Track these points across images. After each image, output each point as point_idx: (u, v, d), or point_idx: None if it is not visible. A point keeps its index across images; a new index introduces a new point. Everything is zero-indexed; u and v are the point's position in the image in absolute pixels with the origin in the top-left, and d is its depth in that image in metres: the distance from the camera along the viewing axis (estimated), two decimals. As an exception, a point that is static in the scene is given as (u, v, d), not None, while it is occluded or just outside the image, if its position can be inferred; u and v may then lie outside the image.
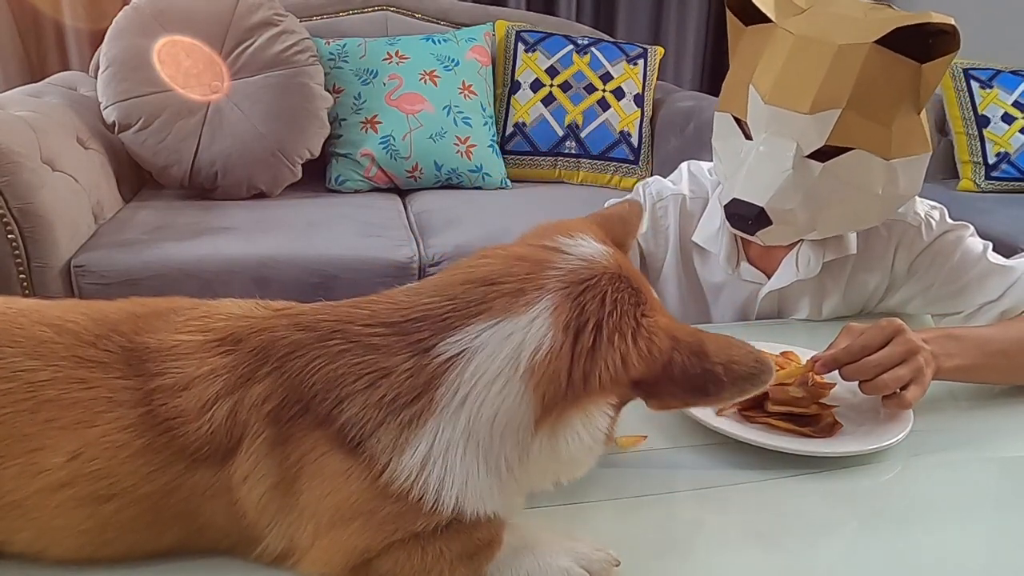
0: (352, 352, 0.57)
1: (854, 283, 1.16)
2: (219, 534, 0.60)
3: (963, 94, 2.77)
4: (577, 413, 0.58)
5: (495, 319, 0.57)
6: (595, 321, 0.57)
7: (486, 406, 0.56)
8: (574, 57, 2.63)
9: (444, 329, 0.57)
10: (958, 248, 1.11)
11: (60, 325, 0.60)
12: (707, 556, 0.68)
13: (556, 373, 0.56)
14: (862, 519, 0.73)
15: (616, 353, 0.57)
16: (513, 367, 0.56)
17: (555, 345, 0.56)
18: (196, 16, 2.24)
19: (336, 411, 0.56)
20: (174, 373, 0.58)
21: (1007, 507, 0.78)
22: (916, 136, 1.00)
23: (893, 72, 0.96)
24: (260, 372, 0.58)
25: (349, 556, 0.57)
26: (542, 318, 0.57)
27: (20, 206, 1.69)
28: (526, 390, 0.56)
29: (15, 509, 0.56)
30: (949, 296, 1.12)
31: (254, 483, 0.57)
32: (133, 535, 0.59)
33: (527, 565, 0.59)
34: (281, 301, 0.65)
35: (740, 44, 1.07)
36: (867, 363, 0.84)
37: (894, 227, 1.13)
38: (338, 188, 2.43)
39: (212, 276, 1.82)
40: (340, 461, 0.56)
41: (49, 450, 0.56)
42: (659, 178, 1.27)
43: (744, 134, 1.04)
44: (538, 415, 0.57)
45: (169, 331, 0.61)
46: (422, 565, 0.57)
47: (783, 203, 0.99)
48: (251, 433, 0.57)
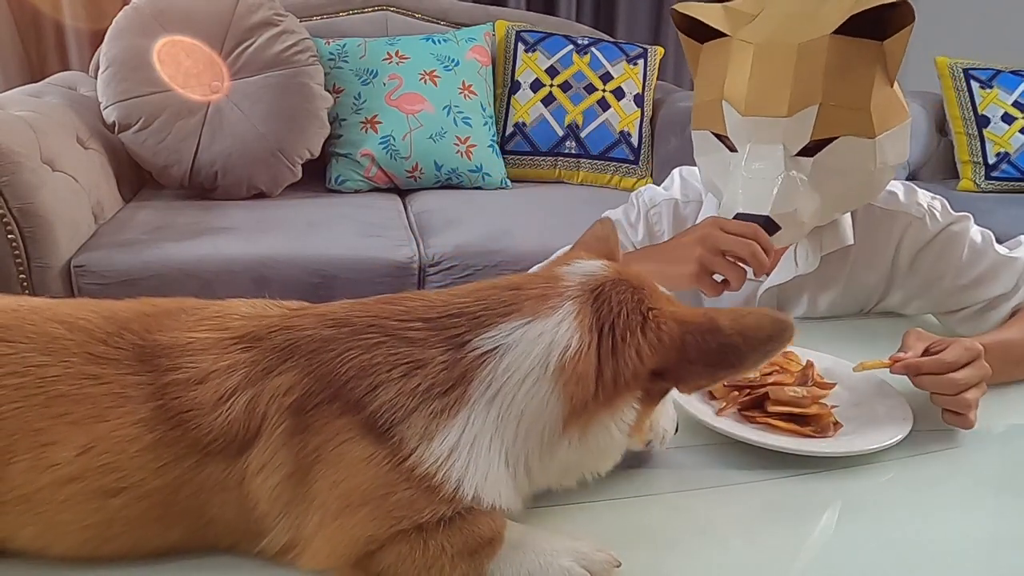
0: (388, 344, 0.59)
1: (855, 278, 1.16)
2: (224, 530, 0.60)
3: (963, 94, 2.77)
4: (607, 412, 0.61)
5: (526, 319, 0.60)
6: (610, 323, 0.61)
7: (516, 402, 0.59)
8: (574, 57, 2.63)
9: (478, 326, 0.60)
10: (964, 240, 1.11)
11: (71, 322, 0.61)
12: (707, 556, 0.67)
13: (585, 373, 0.59)
14: (862, 519, 0.73)
15: (631, 349, 0.60)
16: (544, 365, 0.59)
17: (583, 346, 0.60)
18: (196, 16, 2.24)
19: (369, 397, 0.58)
20: (189, 368, 0.59)
21: (1007, 507, 0.78)
22: (894, 107, 1.01)
23: (857, 56, 0.97)
24: (284, 366, 0.59)
25: (352, 546, 0.57)
26: (568, 321, 0.60)
27: (20, 206, 1.69)
28: (555, 388, 0.59)
29: (22, 503, 0.57)
30: (960, 290, 1.11)
31: (269, 473, 0.58)
32: (139, 531, 0.59)
33: (528, 564, 0.59)
34: (295, 301, 0.67)
35: (701, 62, 1.09)
36: (952, 380, 0.85)
37: (897, 218, 1.13)
38: (338, 188, 2.43)
39: (212, 276, 1.82)
40: (364, 447, 0.57)
41: (59, 444, 0.56)
42: (652, 186, 1.29)
43: (727, 147, 1.05)
44: (566, 415, 0.60)
45: (182, 329, 0.62)
46: (423, 560, 0.57)
47: (786, 207, 0.99)
48: (270, 424, 0.58)
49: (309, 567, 0.59)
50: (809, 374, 0.91)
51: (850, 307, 1.19)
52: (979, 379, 0.86)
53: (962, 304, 1.12)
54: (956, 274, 1.11)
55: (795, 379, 0.90)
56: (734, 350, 0.60)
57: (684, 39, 1.09)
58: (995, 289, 1.09)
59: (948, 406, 0.86)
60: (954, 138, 2.79)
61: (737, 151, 1.03)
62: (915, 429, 0.83)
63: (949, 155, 2.83)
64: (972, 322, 1.12)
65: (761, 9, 1.01)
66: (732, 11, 1.02)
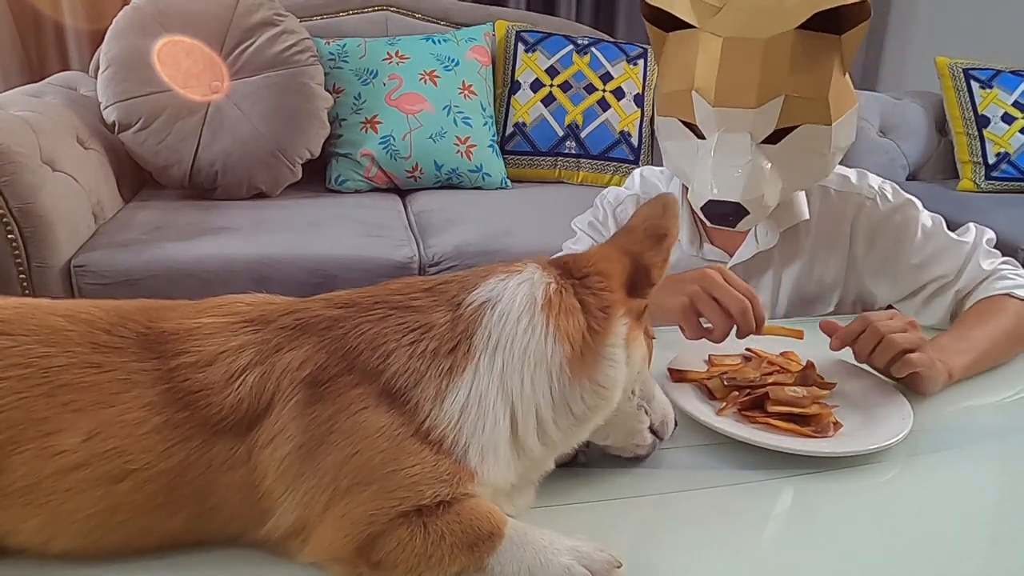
0: (396, 315, 0.63)
1: (816, 257, 1.20)
2: (229, 514, 0.60)
3: (963, 94, 2.77)
4: (605, 339, 0.66)
5: (502, 276, 0.67)
6: (571, 271, 0.68)
7: (516, 345, 0.63)
8: (574, 57, 2.63)
9: (466, 288, 0.66)
10: (917, 221, 1.16)
11: (73, 315, 0.61)
12: (707, 556, 0.67)
13: (571, 305, 0.65)
14: (862, 519, 0.73)
15: (596, 275, 0.68)
16: (532, 304, 0.64)
17: (560, 285, 0.66)
18: (196, 16, 2.24)
19: (383, 365, 0.60)
20: (196, 351, 0.60)
21: (1007, 507, 0.78)
22: (846, 95, 1.07)
23: (818, 49, 1.02)
24: (295, 343, 0.61)
25: (357, 526, 0.57)
26: (538, 272, 0.67)
27: (20, 206, 1.69)
28: (549, 326, 0.63)
29: (27, 495, 0.57)
30: (914, 270, 1.16)
31: (279, 444, 0.58)
32: (143, 518, 0.59)
33: (528, 560, 0.59)
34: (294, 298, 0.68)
35: (666, 51, 1.13)
36: (873, 328, 0.93)
37: (848, 199, 1.19)
38: (338, 188, 2.43)
39: (212, 276, 1.82)
40: (379, 416, 0.59)
41: (64, 432, 0.57)
42: (614, 187, 1.36)
43: (695, 134, 1.09)
44: (570, 357, 0.64)
45: (187, 316, 0.63)
46: (423, 547, 0.58)
47: (754, 192, 1.04)
48: (283, 397, 0.59)
49: (313, 556, 0.59)
50: (809, 374, 0.91)
51: (815, 287, 1.22)
52: (904, 328, 0.93)
53: (918, 283, 1.17)
54: (911, 253, 1.16)
55: (795, 379, 0.90)
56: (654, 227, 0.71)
57: (650, 27, 1.13)
58: (943, 268, 1.14)
59: (880, 354, 0.92)
60: (954, 138, 2.79)
61: (705, 138, 1.07)
62: (915, 429, 0.83)
63: (949, 155, 2.83)
64: (926, 309, 1.17)
65: (726, 1, 1.05)
66: (698, 3, 1.05)
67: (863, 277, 1.21)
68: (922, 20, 3.37)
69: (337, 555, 0.58)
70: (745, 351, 0.98)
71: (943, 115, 2.85)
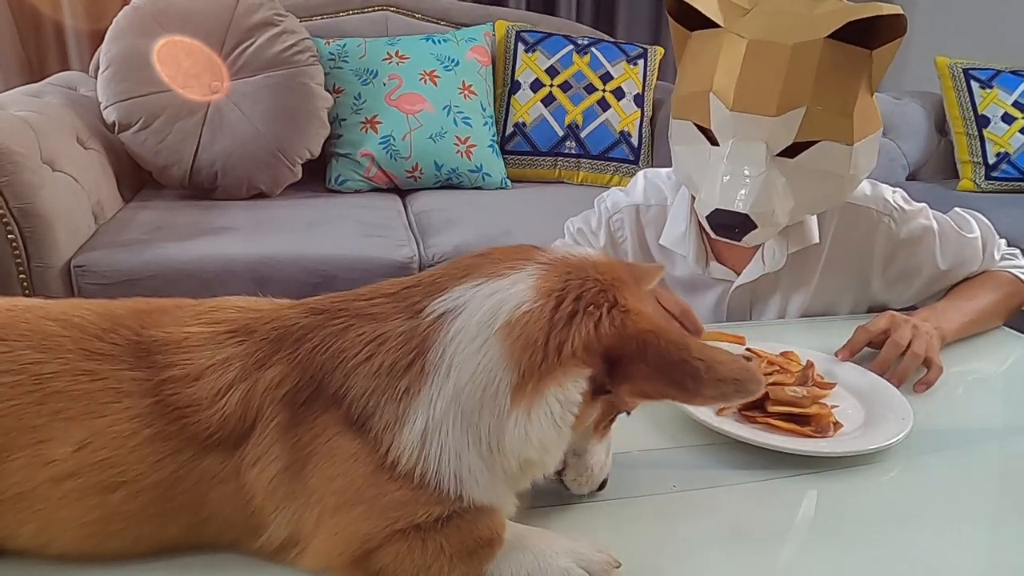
0: (354, 326, 0.59)
1: (826, 279, 1.17)
2: (223, 525, 0.60)
3: (963, 94, 2.77)
4: (552, 384, 0.57)
5: (480, 280, 0.59)
6: (576, 294, 0.58)
7: (467, 366, 0.57)
8: (574, 57, 2.63)
9: (434, 292, 0.60)
10: (932, 231, 1.15)
11: (66, 320, 0.61)
12: (707, 556, 0.67)
13: (532, 336, 0.57)
14: (862, 519, 0.73)
15: (589, 321, 0.57)
16: (491, 322, 0.57)
17: (535, 307, 0.57)
18: (196, 16, 2.24)
19: (343, 389, 0.58)
20: (185, 364, 0.59)
21: (1007, 507, 0.78)
22: (872, 117, 1.02)
23: (847, 62, 0.97)
24: (274, 357, 0.59)
25: (351, 543, 0.57)
26: (525, 283, 0.59)
27: (20, 206, 1.68)
28: (503, 350, 0.57)
29: (21, 501, 0.57)
30: (943, 276, 1.16)
31: (265, 466, 0.58)
32: (138, 526, 0.59)
33: (527, 564, 0.59)
34: (288, 300, 0.67)
35: (688, 50, 1.07)
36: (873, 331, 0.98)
37: (862, 214, 1.14)
38: (338, 188, 2.43)
39: (212, 276, 1.82)
40: (349, 443, 0.57)
41: (56, 441, 0.56)
42: (615, 190, 1.28)
43: (709, 140, 1.04)
44: (515, 384, 0.57)
45: (178, 325, 0.62)
46: (422, 559, 0.57)
47: (764, 206, 1.00)
48: (265, 417, 0.58)
49: (311, 566, 0.59)
50: (809, 374, 0.91)
51: (822, 310, 1.20)
52: (911, 335, 0.97)
53: (941, 287, 1.18)
54: (934, 262, 1.15)
55: (795, 379, 0.90)
56: (693, 373, 0.56)
57: (673, 24, 1.07)
58: (965, 270, 1.16)
59: (900, 365, 0.95)
60: (954, 138, 2.79)
61: (719, 145, 1.02)
62: (915, 429, 0.83)
63: (949, 155, 2.83)
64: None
65: (755, 3, 1.00)
66: (727, 2, 1.01)
67: (877, 293, 1.19)
68: (922, 20, 3.36)
69: (334, 567, 0.58)
70: (745, 351, 0.98)
71: (943, 115, 2.85)
